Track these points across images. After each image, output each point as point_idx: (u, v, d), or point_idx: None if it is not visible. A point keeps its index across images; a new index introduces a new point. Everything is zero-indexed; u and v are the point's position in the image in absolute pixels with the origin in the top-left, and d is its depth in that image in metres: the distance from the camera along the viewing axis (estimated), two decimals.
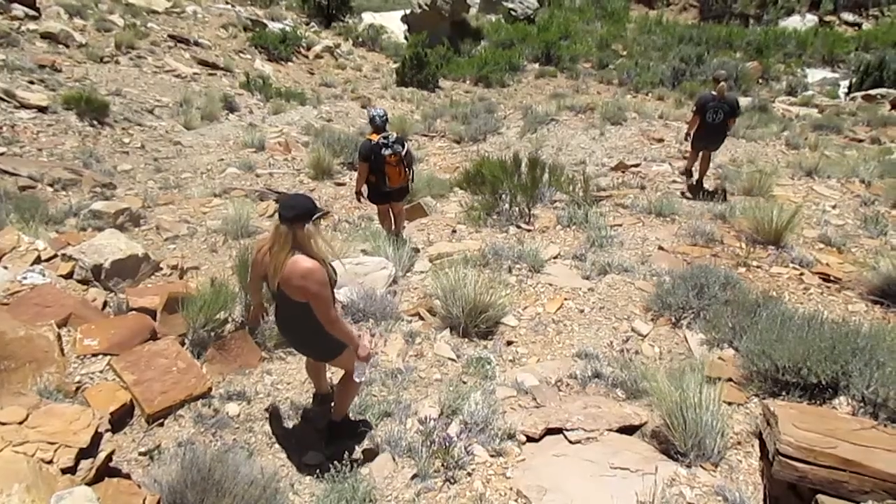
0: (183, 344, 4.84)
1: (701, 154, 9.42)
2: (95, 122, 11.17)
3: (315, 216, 3.42)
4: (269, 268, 3.48)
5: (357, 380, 3.86)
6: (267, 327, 5.17)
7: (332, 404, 4.26)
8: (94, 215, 7.57)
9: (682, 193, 9.34)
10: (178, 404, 4.28)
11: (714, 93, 8.85)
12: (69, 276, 5.76)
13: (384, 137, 6.67)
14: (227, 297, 5.07)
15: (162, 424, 4.17)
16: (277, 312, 3.87)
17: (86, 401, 4.12)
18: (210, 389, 4.49)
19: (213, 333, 4.97)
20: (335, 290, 3.76)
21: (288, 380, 4.80)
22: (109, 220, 7.52)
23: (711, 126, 8.85)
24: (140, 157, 10.80)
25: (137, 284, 6.06)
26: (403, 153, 6.83)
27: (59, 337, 4.58)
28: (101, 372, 4.51)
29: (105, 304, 5.50)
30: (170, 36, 16.83)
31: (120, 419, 4.11)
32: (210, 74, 16.06)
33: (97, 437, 3.16)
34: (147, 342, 4.75)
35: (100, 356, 4.62)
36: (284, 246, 3.37)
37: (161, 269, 6.51)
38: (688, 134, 9.48)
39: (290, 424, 4.34)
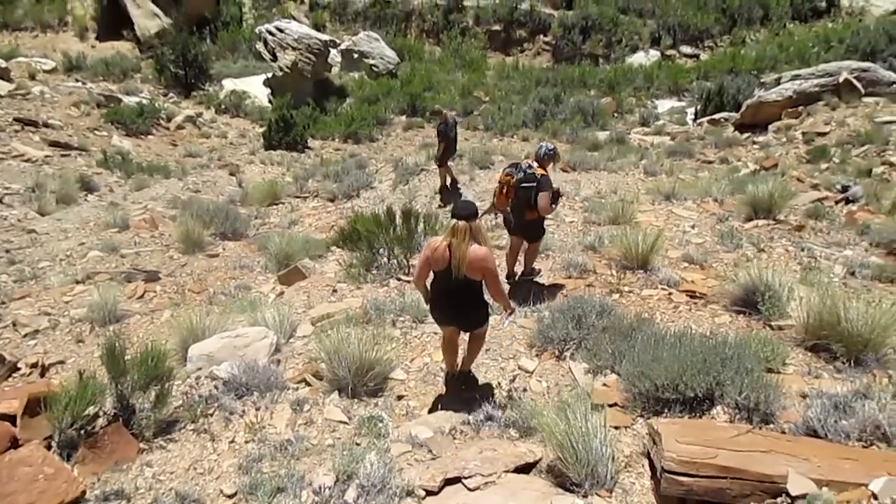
0: (49, 447, 4.48)
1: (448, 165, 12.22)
2: None
3: (481, 214, 4.91)
4: (454, 258, 4.61)
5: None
6: (143, 416, 4.89)
7: (464, 360, 5.45)
8: None
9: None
10: None
11: (444, 120, 11.79)
12: None
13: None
14: (96, 389, 4.74)
15: None
16: (445, 294, 4.87)
17: None
18: (84, 493, 4.16)
19: (83, 431, 4.62)
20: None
21: (171, 469, 4.53)
22: None
23: (455, 141, 12.09)
24: None
25: None
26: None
27: None
28: None
29: None
30: (15, 119, 15.88)
31: None
32: (63, 155, 15.25)
33: None
34: (7, 451, 4.35)
35: None
36: (465, 238, 4.58)
37: (19, 368, 6.04)
38: (442, 159, 12.03)
39: None
